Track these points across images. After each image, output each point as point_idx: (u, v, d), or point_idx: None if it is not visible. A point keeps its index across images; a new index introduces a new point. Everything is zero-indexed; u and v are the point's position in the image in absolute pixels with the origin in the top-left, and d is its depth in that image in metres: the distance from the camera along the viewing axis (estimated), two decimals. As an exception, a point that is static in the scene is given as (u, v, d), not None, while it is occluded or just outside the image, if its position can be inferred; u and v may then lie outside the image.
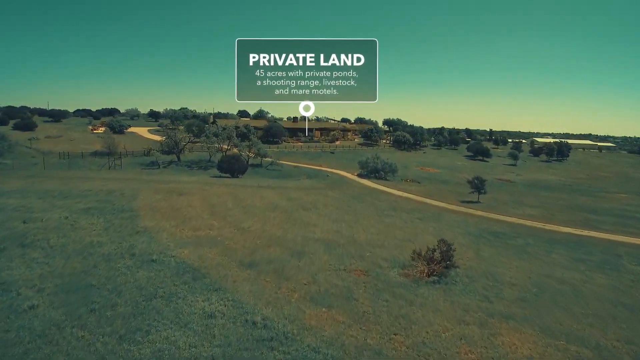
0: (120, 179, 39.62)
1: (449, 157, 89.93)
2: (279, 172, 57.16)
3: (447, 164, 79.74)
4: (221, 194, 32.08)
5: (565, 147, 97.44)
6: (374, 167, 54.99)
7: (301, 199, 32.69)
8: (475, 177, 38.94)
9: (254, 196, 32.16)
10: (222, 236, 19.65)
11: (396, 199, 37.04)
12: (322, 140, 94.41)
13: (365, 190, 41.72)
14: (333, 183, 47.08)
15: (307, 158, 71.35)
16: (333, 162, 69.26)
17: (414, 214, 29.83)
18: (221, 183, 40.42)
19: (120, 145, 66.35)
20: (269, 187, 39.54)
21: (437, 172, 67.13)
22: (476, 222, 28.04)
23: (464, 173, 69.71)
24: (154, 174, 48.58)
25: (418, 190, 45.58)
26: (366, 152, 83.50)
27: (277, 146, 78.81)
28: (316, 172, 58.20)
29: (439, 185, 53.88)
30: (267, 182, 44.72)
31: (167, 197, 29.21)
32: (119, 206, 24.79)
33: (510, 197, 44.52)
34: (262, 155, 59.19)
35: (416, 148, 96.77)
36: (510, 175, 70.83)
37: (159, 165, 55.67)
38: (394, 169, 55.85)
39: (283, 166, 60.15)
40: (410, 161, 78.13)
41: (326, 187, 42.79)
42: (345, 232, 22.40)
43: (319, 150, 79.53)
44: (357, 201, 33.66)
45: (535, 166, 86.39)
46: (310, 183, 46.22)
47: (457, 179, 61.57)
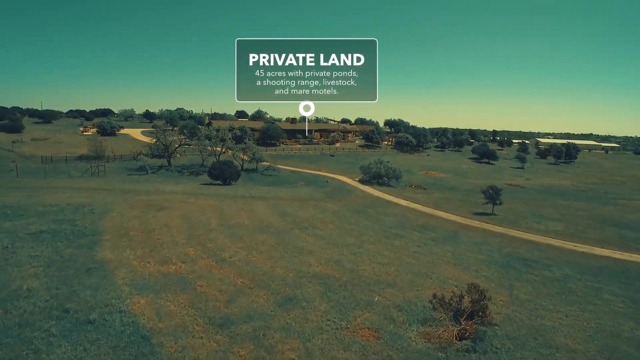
0: (97, 189, 35.68)
1: (453, 159, 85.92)
2: (275, 178, 53.20)
3: (453, 167, 75.76)
4: (206, 209, 28.15)
5: (574, 148, 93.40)
6: (376, 172, 51.01)
7: (296, 214, 28.74)
8: (490, 187, 34.98)
9: (242, 211, 28.22)
10: (195, 273, 15.69)
11: (403, 212, 33.09)
12: (321, 142, 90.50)
13: (368, 201, 37.78)
14: (333, 191, 43.15)
15: (305, 162, 67.38)
16: (333, 166, 65.29)
17: (426, 232, 25.87)
18: (210, 193, 36.49)
19: (108, 148, 62.58)
20: (262, 197, 35.60)
21: (443, 177, 63.15)
22: (499, 244, 24.08)
23: (471, 178, 65.78)
24: (139, 181, 44.64)
25: (426, 199, 41.63)
26: (367, 155, 79.59)
27: (275, 149, 74.86)
28: (315, 178, 54.25)
29: (447, 192, 49.93)
30: (260, 190, 40.79)
31: (142, 214, 25.30)
32: (81, 228, 20.85)
33: (526, 206, 40.55)
34: (257, 159, 55.25)
35: (419, 150, 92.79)
36: (519, 180, 66.82)
37: (147, 170, 51.73)
38: (398, 174, 51.90)
39: (280, 171, 56.21)
40: (414, 164, 74.14)
41: (325, 197, 38.84)
42: (348, 262, 18.44)
43: (318, 153, 75.57)
44: (360, 216, 29.72)
45: (544, 169, 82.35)
46: (308, 191, 42.28)
47: (465, 185, 57.62)
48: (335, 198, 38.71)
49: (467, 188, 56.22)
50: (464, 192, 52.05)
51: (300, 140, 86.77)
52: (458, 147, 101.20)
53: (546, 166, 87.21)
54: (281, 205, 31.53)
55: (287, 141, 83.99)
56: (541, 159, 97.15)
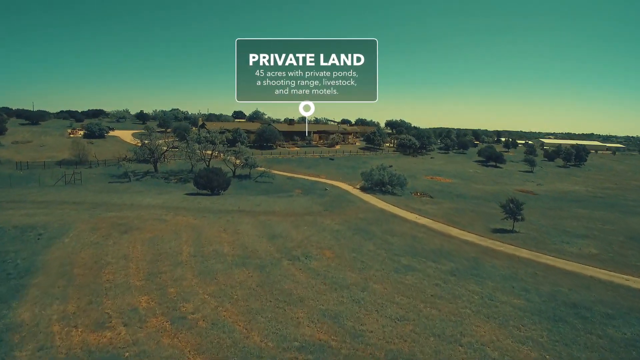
0: (63, 202, 31.16)
1: (458, 162, 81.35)
2: (269, 185, 48.70)
3: (459, 171, 71.20)
4: (181, 230, 23.64)
5: (584, 151, 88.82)
6: (379, 179, 46.49)
7: (288, 235, 24.22)
8: (510, 200, 30.41)
9: (224, 233, 23.70)
10: (136, 346, 11.18)
11: (413, 230, 28.57)
12: (320, 144, 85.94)
13: (372, 215, 33.26)
14: (332, 202, 38.65)
15: (303, 166, 62.86)
16: (332, 171, 60.77)
17: (443, 261, 21.34)
18: (192, 207, 31.98)
19: (92, 152, 58.07)
20: (251, 212, 31.07)
21: (450, 183, 58.62)
22: (533, 278, 19.56)
23: (479, 184, 61.25)
24: (118, 190, 40.14)
25: (435, 211, 37.12)
26: (369, 158, 75.07)
27: (271, 152, 70.33)
28: (313, 185, 49.74)
29: (457, 201, 45.40)
30: (251, 202, 36.29)
31: (102, 239, 20.80)
32: (10, 266, 16.37)
33: (546, 219, 36.04)
34: (250, 165, 50.74)
35: (422, 152, 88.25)
36: (530, 186, 62.29)
37: (130, 177, 47.22)
38: (403, 181, 47.36)
39: (275, 177, 51.69)
40: (418, 168, 69.59)
41: (323, 210, 34.33)
42: (349, 317, 13.90)
43: (317, 157, 71.05)
44: (363, 237, 25.21)
45: (554, 173, 77.79)
46: (304, 202, 37.78)
47: (474, 192, 53.11)
48: (334, 211, 34.20)
49: (476, 195, 51.74)
50: (474, 200, 47.53)
51: (298, 143, 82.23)
52: (462, 149, 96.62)
53: (556, 169, 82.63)
54: (271, 224, 27.00)
55: (284, 143, 79.47)
56: (549, 162, 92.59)
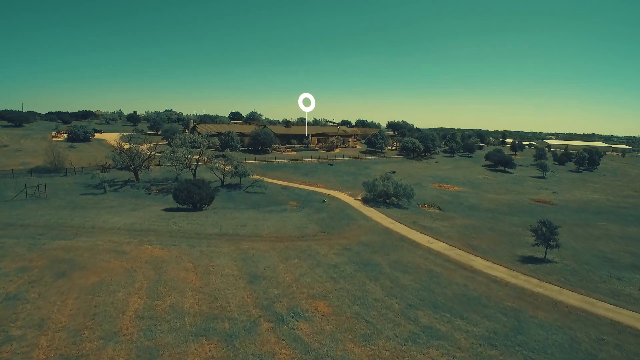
0: (7, 224, 25.90)
1: (465, 167, 76.08)
2: (261, 197, 43.47)
3: (467, 177, 65.93)
4: (139, 269, 18.41)
5: (597, 154, 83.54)
6: (383, 191, 41.27)
7: (274, 276, 19.02)
8: (542, 223, 25.20)
9: (192, 273, 18.48)
10: None
11: (428, 262, 23.36)
12: (319, 147, 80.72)
13: (377, 239, 28.05)
14: (331, 219, 33.46)
15: (300, 173, 57.63)
16: (331, 179, 55.53)
17: (474, 319, 16.12)
18: (164, 230, 26.75)
19: (68, 159, 52.88)
20: (233, 237, 25.84)
21: (460, 192, 53.36)
22: (601, 347, 14.38)
23: (491, 192, 55.99)
24: (86, 206, 34.94)
25: (448, 230, 31.93)
26: (370, 163, 69.83)
27: (265, 157, 65.04)
28: (309, 196, 44.52)
29: (470, 215, 40.15)
30: (237, 220, 31.10)
31: (26, 287, 15.57)
32: None
33: (579, 241, 30.85)
34: (240, 174, 45.51)
35: (426, 156, 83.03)
36: (545, 194, 57.03)
37: (105, 188, 41.99)
38: (409, 193, 42.10)
39: (268, 187, 46.44)
40: (423, 175, 64.34)
41: (320, 232, 29.11)
42: None
43: (315, 162, 65.78)
44: (367, 275, 20.01)
45: (568, 179, 72.51)
46: (298, 220, 32.58)
47: (487, 203, 47.83)
48: (332, 233, 28.98)
49: (489, 207, 46.53)
50: (489, 213, 42.30)
51: (295, 147, 76.95)
52: (468, 153, 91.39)
53: (569, 175, 77.35)
54: (255, 256, 21.79)
55: (280, 147, 74.20)
56: (559, 165, 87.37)
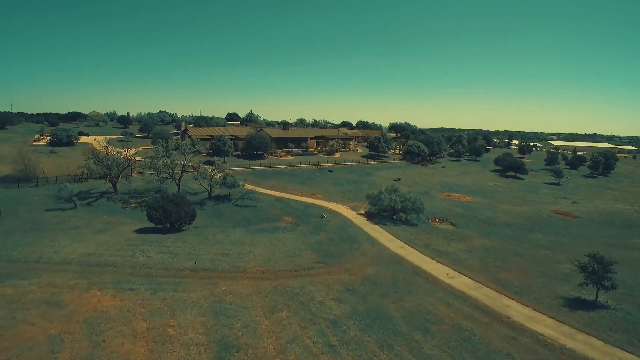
0: None
1: (474, 173, 71.02)
2: (251, 212, 38.52)
3: (477, 184, 60.91)
4: (68, 336, 13.45)
5: (612, 158, 78.50)
6: (390, 206, 36.32)
7: (253, 338, 14.04)
8: (593, 257, 20.28)
9: (141, 343, 13.47)
10: None
11: (453, 314, 18.43)
12: (318, 151, 75.65)
13: (386, 273, 23.11)
14: (330, 242, 28.50)
15: (296, 181, 52.64)
16: (330, 188, 50.53)
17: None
18: (125, 263, 21.79)
19: (40, 167, 47.91)
20: (209, 273, 20.88)
21: (472, 203, 48.36)
22: None
23: (505, 203, 50.92)
24: (44, 227, 29.97)
25: (468, 256, 26.98)
26: (373, 169, 64.78)
27: (260, 163, 59.98)
28: (306, 210, 39.56)
29: (488, 233, 35.15)
30: (219, 245, 26.14)
31: None
32: None
33: (627, 271, 25.85)
34: (229, 185, 40.55)
35: (432, 160, 78.00)
36: (564, 204, 52.00)
37: (75, 203, 37.00)
38: (419, 207, 37.09)
39: (260, 199, 41.44)
40: (430, 182, 59.32)
41: (317, 263, 24.17)
42: None
43: (314, 168, 60.79)
44: (376, 339, 15.04)
45: (584, 185, 67.42)
46: (292, 244, 27.62)
47: (504, 216, 42.78)
48: (332, 264, 24.03)
49: (507, 220, 41.48)
50: (508, 230, 37.27)
51: (292, 151, 71.92)
52: (475, 156, 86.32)
53: (583, 181, 72.29)
54: (232, 306, 16.83)
55: (276, 151, 69.15)
56: (572, 170, 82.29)
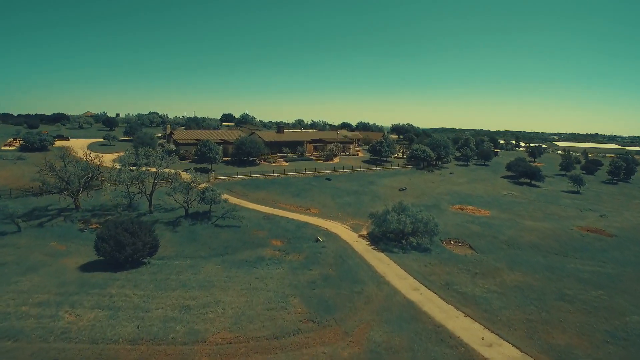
0: None
1: (485, 180, 64.60)
2: (234, 233, 32.22)
3: (490, 194, 54.54)
4: None
5: (633, 162, 72.09)
6: (397, 228, 30.01)
7: None
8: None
9: None
10: None
11: None
12: (316, 156, 69.27)
13: (399, 339, 16.83)
14: (325, 283, 22.23)
15: (290, 192, 46.28)
16: (328, 202, 44.17)
17: None
18: (32, 334, 15.53)
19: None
20: (148, 355, 14.65)
21: (488, 218, 42.01)
22: None
23: (526, 217, 44.41)
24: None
25: (504, 305, 20.72)
26: (376, 177, 58.33)
27: (250, 170, 53.54)
28: (298, 232, 33.25)
29: (518, 263, 28.77)
30: (177, 294, 19.87)
31: None
32: None
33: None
34: (209, 201, 34.27)
35: (438, 165, 71.61)
36: (592, 218, 45.58)
37: (19, 226, 30.70)
38: (432, 229, 30.75)
39: (245, 217, 35.10)
40: (439, 191, 52.92)
41: (307, 318, 17.82)
42: None
43: (310, 176, 54.45)
44: None
45: (607, 194, 61.01)
46: (276, 286, 21.30)
47: (528, 234, 36.38)
48: (327, 323, 17.72)
49: (533, 241, 35.10)
50: (540, 256, 30.84)
51: (287, 156, 65.48)
52: (484, 160, 79.93)
53: (604, 188, 65.89)
54: None
55: (270, 157, 62.77)
56: (588, 175, 75.85)
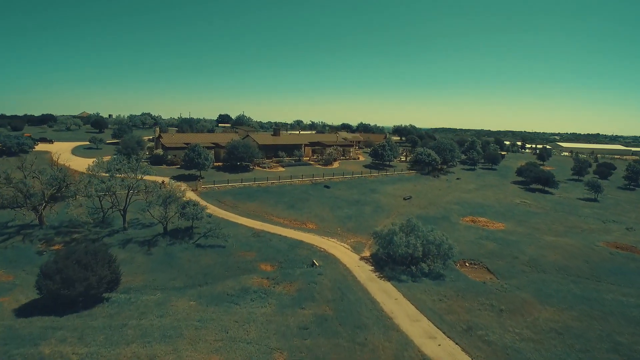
0: None
1: (495, 187, 60.06)
2: (217, 255, 27.79)
3: (502, 203, 50.01)
4: None
5: (650, 167, 67.49)
6: (406, 252, 25.52)
7: None
8: None
9: None
10: None
11: None
12: (314, 160, 64.65)
13: None
14: (320, 329, 17.81)
15: (284, 203, 41.80)
16: (326, 213, 39.69)
17: None
18: None
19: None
20: None
21: (504, 232, 37.52)
22: None
23: (545, 232, 39.78)
24: None
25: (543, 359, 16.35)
26: (378, 184, 53.66)
27: (242, 177, 49.06)
28: (292, 252, 28.82)
29: (548, 296, 24.28)
30: (131, 348, 15.55)
31: None
32: None
33: None
34: (190, 217, 29.83)
35: (443, 169, 67.10)
36: (618, 232, 41.01)
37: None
38: (446, 251, 26.27)
39: (231, 235, 30.69)
40: (447, 200, 48.38)
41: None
42: None
43: (307, 183, 49.97)
44: None
45: (626, 202, 56.44)
46: (257, 333, 16.89)
47: (551, 253, 31.80)
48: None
49: (559, 262, 30.53)
50: (571, 282, 26.21)
51: (284, 161, 60.95)
52: (492, 164, 75.38)
53: (622, 195, 61.32)
54: None
55: (265, 162, 58.27)
56: (601, 180, 71.22)
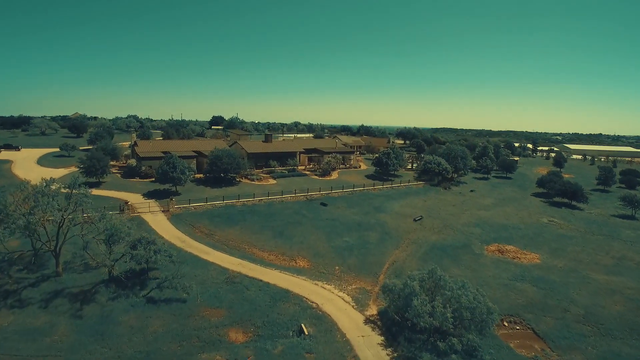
0: None
1: (514, 200, 52.47)
2: (171, 319, 20.30)
3: (527, 222, 42.41)
4: None
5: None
6: (431, 324, 18.06)
7: None
8: None
9: None
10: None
11: None
12: (310, 170, 57.12)
13: None
14: None
15: (271, 229, 34.24)
16: (322, 243, 32.16)
17: None
18: None
19: None
20: None
21: (540, 267, 29.94)
22: None
23: (589, 263, 32.38)
24: None
25: None
26: (383, 199, 45.72)
27: (225, 193, 41.50)
28: (274, 311, 21.35)
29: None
30: None
31: None
32: None
33: None
34: (141, 261, 22.31)
35: (454, 179, 59.52)
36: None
37: None
38: (484, 320, 18.80)
39: (197, 280, 23.19)
40: (465, 222, 40.75)
41: None
42: None
43: (301, 199, 42.45)
44: None
45: (666, 219, 48.81)
46: None
47: (609, 303, 24.38)
48: None
49: (626, 317, 22.71)
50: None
51: (275, 171, 53.38)
52: (506, 172, 67.75)
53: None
54: None
55: (254, 172, 50.68)
56: (626, 189, 63.61)
